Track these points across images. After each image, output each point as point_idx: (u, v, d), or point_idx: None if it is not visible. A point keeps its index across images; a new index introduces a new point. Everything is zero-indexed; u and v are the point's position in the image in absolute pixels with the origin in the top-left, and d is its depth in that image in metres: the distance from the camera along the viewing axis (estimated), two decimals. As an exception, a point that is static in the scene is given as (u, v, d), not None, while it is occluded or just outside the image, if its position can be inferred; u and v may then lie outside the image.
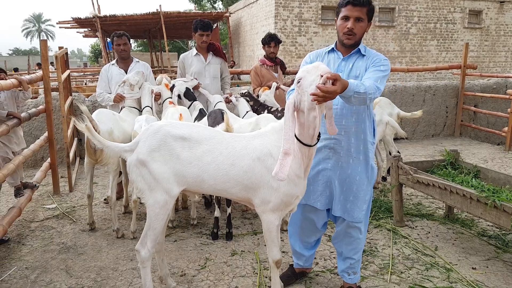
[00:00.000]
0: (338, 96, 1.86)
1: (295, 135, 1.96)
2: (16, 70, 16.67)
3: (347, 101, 1.99)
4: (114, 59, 4.33)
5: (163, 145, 2.11)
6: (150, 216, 2.16)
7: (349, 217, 2.32)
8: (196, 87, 4.11)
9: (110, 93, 4.12)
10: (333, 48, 2.30)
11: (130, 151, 2.19)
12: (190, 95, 3.94)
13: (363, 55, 2.20)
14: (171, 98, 3.82)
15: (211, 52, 4.25)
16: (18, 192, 3.66)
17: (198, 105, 3.87)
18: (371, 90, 1.95)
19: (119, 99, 3.91)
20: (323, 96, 1.75)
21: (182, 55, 4.37)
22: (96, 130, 3.10)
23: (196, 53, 4.22)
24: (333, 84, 1.77)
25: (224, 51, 4.44)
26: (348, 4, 2.11)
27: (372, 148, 2.33)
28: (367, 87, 1.93)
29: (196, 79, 4.13)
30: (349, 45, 2.19)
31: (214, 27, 14.56)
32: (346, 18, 2.14)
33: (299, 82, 1.89)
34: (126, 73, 4.11)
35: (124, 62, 4.20)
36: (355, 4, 2.10)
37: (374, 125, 2.35)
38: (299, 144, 1.99)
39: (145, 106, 3.73)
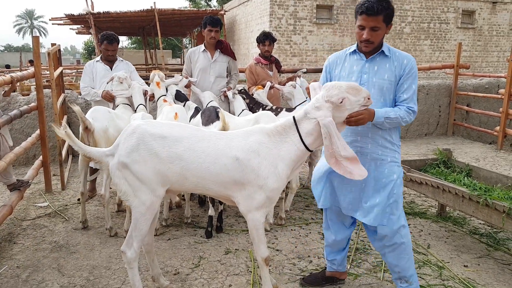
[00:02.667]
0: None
1: (303, 142, 2.08)
2: (8, 66, 16.46)
3: (380, 126, 2.15)
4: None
5: (142, 144, 2.07)
6: (136, 217, 2.14)
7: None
8: (187, 85, 4.09)
9: (93, 88, 4.15)
10: (355, 49, 2.25)
11: (111, 155, 2.16)
12: (181, 96, 3.94)
13: (387, 56, 2.18)
14: (164, 95, 3.80)
15: (218, 50, 4.25)
16: (14, 187, 3.63)
17: (192, 104, 3.87)
18: (404, 115, 2.13)
19: (109, 98, 3.90)
20: (355, 122, 2.01)
21: (190, 50, 4.40)
22: (90, 129, 3.08)
23: (204, 49, 4.23)
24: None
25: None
26: (362, 13, 2.08)
27: (393, 152, 2.24)
28: (399, 114, 2.12)
29: (187, 77, 4.12)
30: (370, 51, 2.19)
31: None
32: (362, 28, 2.12)
33: (341, 102, 1.98)
34: (111, 70, 4.18)
35: (110, 61, 4.25)
36: (369, 14, 2.05)
37: (399, 129, 2.30)
38: (304, 149, 2.09)
39: (139, 105, 3.71)
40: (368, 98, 2.01)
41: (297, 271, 2.75)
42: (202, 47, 4.27)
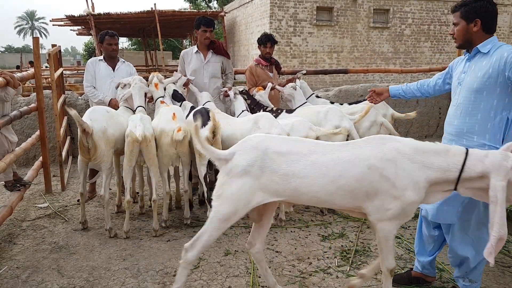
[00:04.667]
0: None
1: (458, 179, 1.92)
2: (18, 67, 16.53)
3: None
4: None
5: (260, 161, 2.01)
6: (212, 221, 2.08)
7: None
8: (186, 84, 4.09)
9: (94, 87, 4.14)
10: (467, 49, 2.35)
11: (224, 160, 2.10)
12: (177, 96, 3.94)
13: (485, 53, 2.19)
14: (162, 97, 3.80)
15: (211, 51, 4.24)
16: (13, 187, 3.64)
17: (188, 104, 3.88)
18: None
19: (115, 107, 3.90)
20: None
21: (183, 51, 4.38)
22: (88, 131, 3.08)
23: (197, 50, 4.22)
24: None
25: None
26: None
27: None
28: None
29: (185, 76, 4.12)
30: (459, 47, 2.34)
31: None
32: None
33: None
34: (114, 71, 4.15)
35: (111, 60, 4.21)
36: (452, 11, 2.34)
37: (506, 126, 2.19)
38: (452, 186, 1.96)
39: (138, 106, 3.68)
40: None
41: (296, 272, 2.75)
42: (195, 48, 4.24)
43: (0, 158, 3.44)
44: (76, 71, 14.95)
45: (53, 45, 5.16)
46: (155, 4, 13.67)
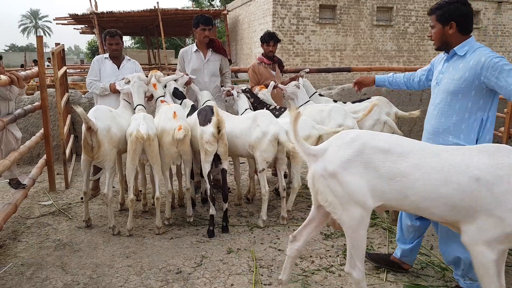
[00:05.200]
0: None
1: None
2: (22, 66, 16.64)
3: None
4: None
5: (360, 156, 1.88)
6: (349, 235, 1.95)
7: None
8: (187, 83, 4.09)
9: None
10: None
11: (315, 156, 1.97)
12: (178, 94, 3.94)
13: (462, 56, 2.25)
14: (162, 96, 3.80)
15: (210, 49, 4.23)
16: (18, 185, 3.67)
17: (188, 102, 3.87)
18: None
19: (115, 89, 3.92)
20: None
21: (182, 50, 4.35)
22: (93, 129, 3.09)
23: (196, 49, 4.20)
24: None
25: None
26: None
27: None
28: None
29: (187, 74, 4.12)
30: (437, 49, 2.39)
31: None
32: None
33: None
34: (119, 68, 4.15)
35: (116, 59, 4.22)
36: (428, 14, 2.39)
37: (480, 127, 2.24)
38: None
39: (138, 105, 3.68)
40: None
41: (298, 271, 2.75)
42: (194, 47, 4.22)
43: (6, 156, 3.48)
44: (79, 70, 15.01)
45: (57, 44, 5.18)
46: (158, 2, 13.69)
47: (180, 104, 3.83)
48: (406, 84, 2.78)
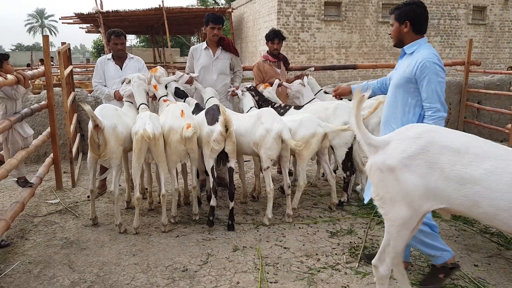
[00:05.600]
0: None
1: None
2: (28, 65, 16.78)
3: None
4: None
5: (425, 154, 1.74)
6: (389, 231, 1.88)
7: None
8: (189, 81, 4.10)
9: (105, 85, 4.17)
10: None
11: (376, 147, 1.87)
12: (180, 93, 3.95)
13: (410, 54, 2.45)
14: (165, 96, 3.81)
15: (220, 47, 4.24)
16: (25, 183, 3.70)
17: (192, 100, 3.88)
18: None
19: (119, 97, 3.93)
20: None
21: (192, 47, 4.38)
22: (100, 127, 3.11)
23: (206, 47, 4.22)
24: None
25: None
26: None
27: None
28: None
29: (188, 73, 4.13)
30: (395, 45, 2.55)
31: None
32: None
33: None
34: (121, 69, 4.17)
35: (119, 59, 4.24)
36: (389, 13, 2.58)
37: (419, 121, 2.40)
38: None
39: (141, 104, 3.69)
40: None
41: (304, 269, 2.75)
42: (204, 44, 4.24)
43: (13, 155, 3.51)
44: (85, 69, 15.09)
45: (63, 43, 5.21)
46: (163, 1, 13.71)
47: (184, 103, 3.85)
48: (380, 89, 2.89)
